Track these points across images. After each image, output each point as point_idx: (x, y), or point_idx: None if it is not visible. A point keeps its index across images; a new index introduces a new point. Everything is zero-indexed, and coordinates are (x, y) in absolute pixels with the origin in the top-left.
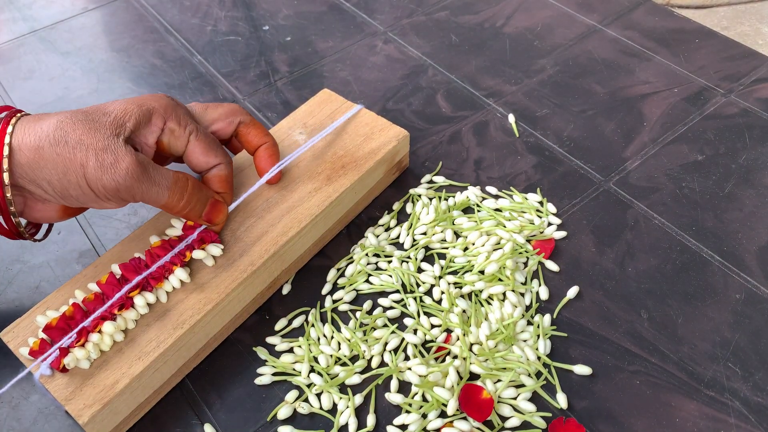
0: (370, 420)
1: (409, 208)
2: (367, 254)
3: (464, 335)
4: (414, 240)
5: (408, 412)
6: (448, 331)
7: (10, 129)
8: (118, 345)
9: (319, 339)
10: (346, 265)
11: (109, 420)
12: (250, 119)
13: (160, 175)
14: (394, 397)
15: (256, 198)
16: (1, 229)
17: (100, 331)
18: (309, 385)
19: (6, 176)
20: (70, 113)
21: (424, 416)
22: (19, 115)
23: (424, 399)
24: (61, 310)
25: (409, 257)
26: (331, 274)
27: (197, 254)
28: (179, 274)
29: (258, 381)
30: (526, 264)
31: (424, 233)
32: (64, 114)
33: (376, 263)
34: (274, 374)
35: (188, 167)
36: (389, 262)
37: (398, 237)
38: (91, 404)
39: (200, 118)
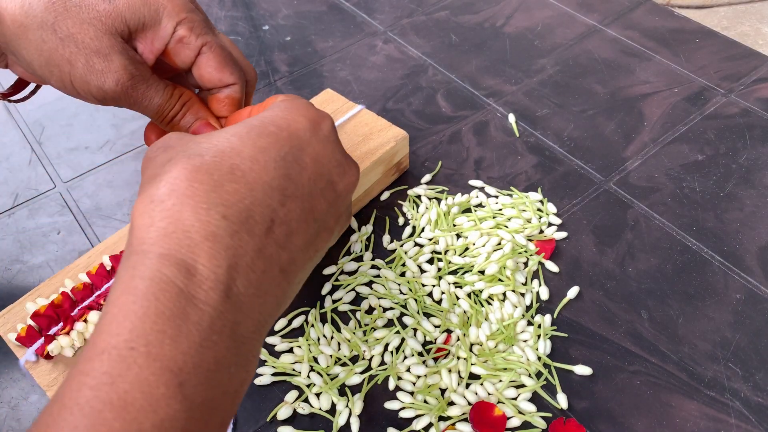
0: (370, 421)
1: (405, 207)
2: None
3: (464, 336)
4: (418, 245)
5: (412, 417)
6: (448, 331)
7: None
8: None
9: (318, 339)
10: (340, 273)
11: None
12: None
13: (154, 88)
14: (394, 403)
15: None
16: None
17: (85, 320)
18: (309, 386)
19: None
20: None
21: (425, 417)
22: None
23: (425, 401)
24: (50, 298)
25: (404, 274)
26: (331, 270)
27: None
28: None
29: (258, 381)
30: (526, 264)
31: (430, 239)
32: None
33: (377, 274)
34: (274, 374)
35: (196, 82)
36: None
37: (392, 244)
38: None
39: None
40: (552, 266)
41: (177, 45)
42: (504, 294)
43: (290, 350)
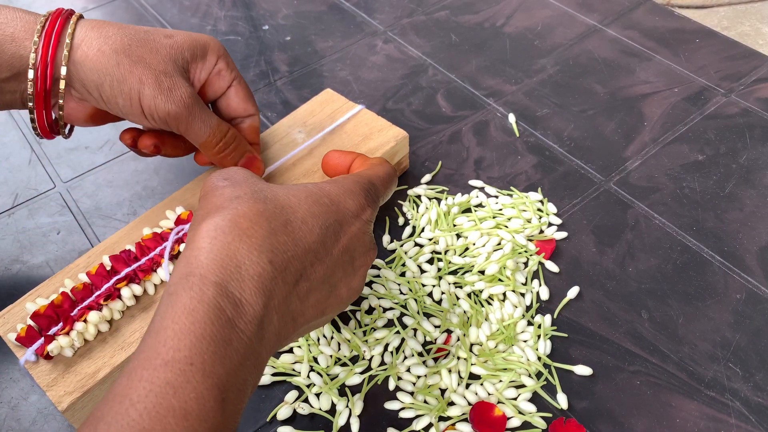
0: (370, 421)
1: (405, 207)
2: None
3: (464, 336)
4: (418, 245)
5: (412, 418)
6: (448, 331)
7: (72, 25)
8: (102, 335)
9: (318, 339)
10: None
11: (90, 409)
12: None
13: (207, 114)
14: (394, 403)
15: None
16: (39, 123)
17: (85, 321)
18: (309, 386)
19: (63, 69)
20: (135, 29)
21: (425, 417)
22: (78, 14)
23: (425, 401)
24: (50, 298)
25: (404, 274)
26: None
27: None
28: (168, 267)
29: None
30: (526, 264)
31: (430, 239)
32: (129, 28)
33: (377, 274)
34: (274, 374)
35: (220, 114)
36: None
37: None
38: (71, 392)
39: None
40: (552, 266)
41: (215, 77)
42: (504, 294)
43: (290, 350)
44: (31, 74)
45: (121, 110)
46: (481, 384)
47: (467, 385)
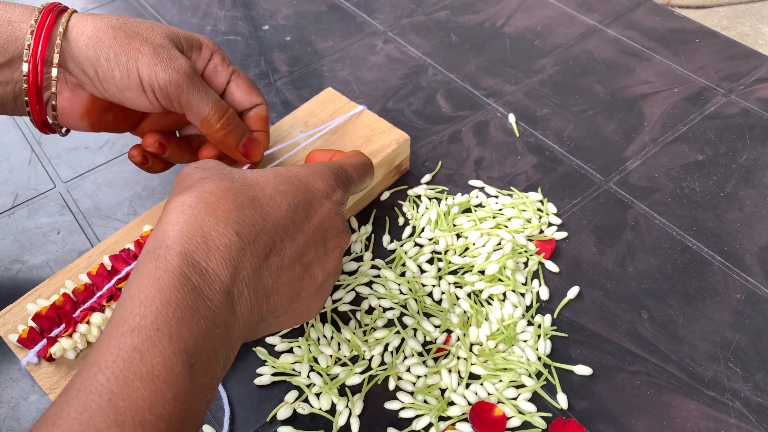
0: (370, 421)
1: (405, 208)
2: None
3: (464, 336)
4: (418, 245)
5: (412, 417)
6: (448, 331)
7: (69, 13)
8: None
9: (318, 339)
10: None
11: None
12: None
13: (207, 88)
14: (394, 403)
15: None
16: (35, 116)
17: (88, 322)
18: (309, 386)
19: (56, 57)
20: (131, 17)
21: (425, 417)
22: (71, 10)
23: (425, 401)
24: (51, 299)
25: (404, 274)
26: None
27: None
28: None
29: (258, 381)
30: (526, 264)
31: (430, 239)
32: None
33: (377, 274)
34: (274, 374)
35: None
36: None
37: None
38: None
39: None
40: (552, 266)
41: (212, 72)
42: (504, 294)
43: (290, 350)
44: (26, 56)
45: (118, 85)
46: (481, 384)
47: (467, 385)
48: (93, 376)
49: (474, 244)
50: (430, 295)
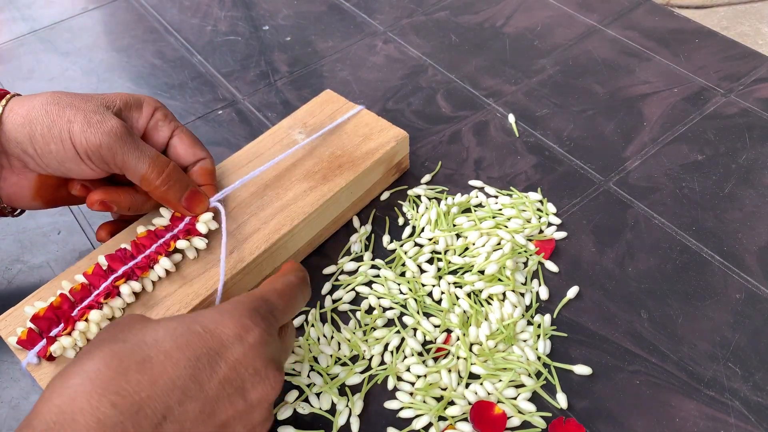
0: (370, 420)
1: (405, 208)
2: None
3: (464, 335)
4: (418, 245)
5: (412, 417)
6: (448, 331)
7: (6, 99)
8: None
9: (318, 339)
10: (340, 272)
11: None
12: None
13: (144, 145)
14: (393, 403)
15: (250, 195)
16: None
17: (86, 320)
18: (309, 385)
19: None
20: (67, 91)
21: (425, 417)
22: (12, 94)
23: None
24: (48, 301)
25: (404, 273)
26: (331, 269)
27: (181, 244)
28: (164, 263)
29: None
30: (526, 264)
31: (429, 239)
32: (62, 92)
33: (377, 274)
34: None
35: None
36: (390, 268)
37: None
38: None
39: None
40: (552, 266)
41: (153, 129)
42: (504, 294)
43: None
44: None
45: (57, 158)
46: (481, 383)
47: (467, 385)
48: None
49: (474, 244)
50: (429, 294)
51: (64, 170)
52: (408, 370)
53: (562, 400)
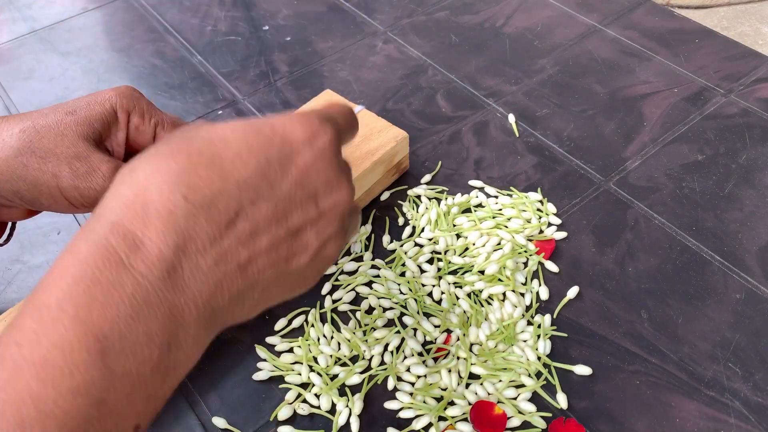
0: (370, 420)
1: (405, 208)
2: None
3: (464, 336)
4: (418, 245)
5: (412, 417)
6: (448, 331)
7: None
8: None
9: (318, 339)
10: (339, 273)
11: None
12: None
13: None
14: (393, 403)
15: None
16: None
17: None
18: (308, 385)
19: None
20: (32, 118)
21: (425, 417)
22: None
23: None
24: None
25: (404, 273)
26: (331, 270)
27: None
28: None
29: (256, 377)
30: (526, 264)
31: (430, 239)
32: (25, 119)
33: (377, 274)
34: (273, 372)
35: None
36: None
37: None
38: None
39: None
40: (552, 266)
41: (135, 134)
42: (504, 294)
43: (290, 350)
44: None
45: (48, 206)
46: (481, 384)
47: (467, 385)
48: None
49: (474, 244)
50: (429, 295)
51: (56, 210)
52: (408, 370)
53: (562, 401)
